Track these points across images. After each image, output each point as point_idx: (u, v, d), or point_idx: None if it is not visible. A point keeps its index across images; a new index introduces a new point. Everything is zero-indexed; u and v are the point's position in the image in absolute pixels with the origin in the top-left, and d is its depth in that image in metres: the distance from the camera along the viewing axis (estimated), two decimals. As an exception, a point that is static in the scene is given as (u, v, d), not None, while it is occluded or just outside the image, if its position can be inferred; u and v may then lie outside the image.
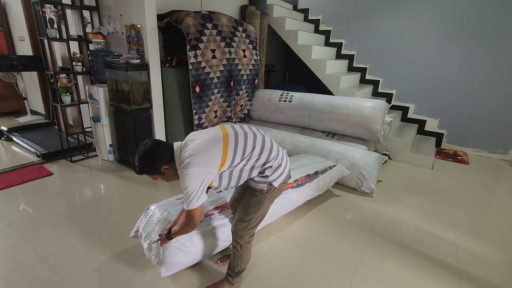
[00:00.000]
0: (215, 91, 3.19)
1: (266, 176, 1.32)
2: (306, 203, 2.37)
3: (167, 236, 1.42)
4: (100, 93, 2.91)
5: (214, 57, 3.05)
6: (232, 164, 1.25)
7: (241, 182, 1.35)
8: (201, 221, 1.62)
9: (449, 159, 3.64)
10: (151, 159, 1.23)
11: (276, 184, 1.35)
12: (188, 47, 2.82)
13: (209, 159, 1.19)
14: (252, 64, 3.56)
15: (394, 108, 4.32)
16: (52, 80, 2.90)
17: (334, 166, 2.58)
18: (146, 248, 1.58)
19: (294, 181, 2.24)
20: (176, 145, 1.27)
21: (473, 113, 3.83)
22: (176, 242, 1.49)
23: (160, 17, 2.91)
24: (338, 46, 4.66)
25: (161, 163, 1.23)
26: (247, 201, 1.40)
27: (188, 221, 1.27)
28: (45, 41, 2.77)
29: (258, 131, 1.35)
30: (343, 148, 2.84)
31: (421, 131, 4.21)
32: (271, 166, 1.31)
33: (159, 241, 1.48)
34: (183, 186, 1.18)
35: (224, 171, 1.26)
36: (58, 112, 3.01)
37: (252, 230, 1.42)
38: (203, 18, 2.94)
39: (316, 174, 2.41)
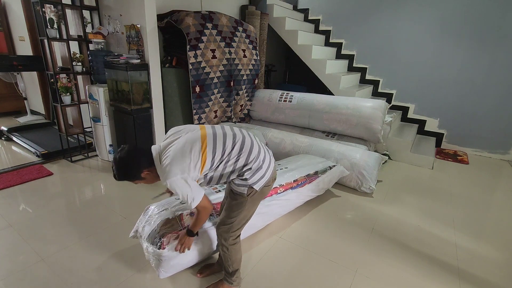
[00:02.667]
0: (215, 91, 3.19)
1: (246, 179, 1.29)
2: (306, 203, 2.37)
3: (190, 234, 1.43)
4: (100, 93, 2.91)
5: (214, 57, 3.05)
6: (213, 166, 1.26)
7: (222, 181, 1.36)
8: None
9: (449, 159, 3.64)
10: (128, 167, 1.24)
11: (257, 187, 1.32)
12: (188, 47, 2.82)
13: (188, 164, 1.20)
14: (252, 64, 3.56)
15: (394, 108, 4.32)
16: (52, 80, 2.90)
17: (334, 166, 2.58)
18: (145, 248, 1.58)
19: (293, 181, 2.24)
20: (154, 149, 1.27)
21: (473, 113, 3.83)
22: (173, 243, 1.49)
23: (160, 17, 2.91)
24: (338, 46, 4.66)
25: (140, 170, 1.25)
26: (229, 203, 1.40)
27: (202, 211, 1.32)
28: (45, 41, 2.77)
29: (239, 132, 1.34)
30: (343, 148, 2.84)
31: (421, 131, 4.20)
32: (250, 168, 1.28)
33: (182, 246, 1.46)
34: (175, 193, 1.23)
35: (207, 173, 1.28)
36: (58, 112, 3.01)
37: (236, 232, 1.41)
38: (203, 18, 2.94)
39: (316, 174, 2.41)
